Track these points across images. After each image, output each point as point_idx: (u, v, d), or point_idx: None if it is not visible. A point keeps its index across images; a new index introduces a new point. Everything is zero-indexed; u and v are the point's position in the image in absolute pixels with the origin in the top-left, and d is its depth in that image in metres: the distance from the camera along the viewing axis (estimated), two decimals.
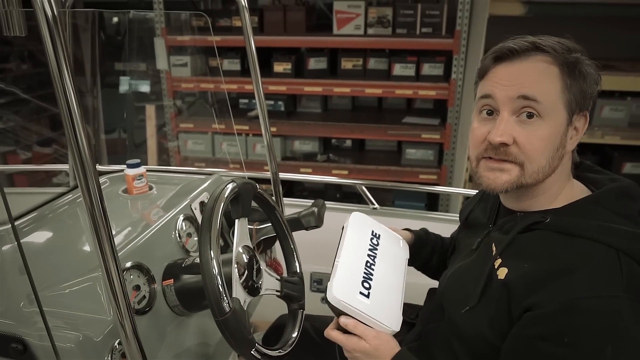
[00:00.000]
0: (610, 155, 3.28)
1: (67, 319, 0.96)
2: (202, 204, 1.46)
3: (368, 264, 1.11)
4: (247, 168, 2.46)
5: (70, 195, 1.52)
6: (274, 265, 1.67)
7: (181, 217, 1.33)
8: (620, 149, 3.26)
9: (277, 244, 1.39)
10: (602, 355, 0.78)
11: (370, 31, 3.36)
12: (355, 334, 1.01)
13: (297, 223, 1.46)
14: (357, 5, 3.32)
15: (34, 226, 1.33)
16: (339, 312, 1.03)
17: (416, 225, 1.43)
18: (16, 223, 1.29)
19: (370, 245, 1.17)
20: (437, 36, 3.27)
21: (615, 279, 0.81)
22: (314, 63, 3.54)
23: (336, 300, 1.01)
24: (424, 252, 1.35)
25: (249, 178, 1.19)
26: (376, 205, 2.16)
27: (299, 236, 1.39)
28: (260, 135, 1.67)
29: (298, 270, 1.29)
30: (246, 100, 3.81)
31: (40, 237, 1.31)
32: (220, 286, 0.95)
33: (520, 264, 0.89)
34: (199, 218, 1.41)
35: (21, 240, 1.17)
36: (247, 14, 1.50)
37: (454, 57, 3.17)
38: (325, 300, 1.04)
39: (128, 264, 1.10)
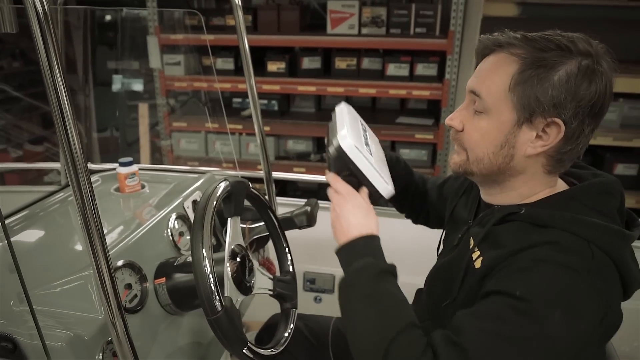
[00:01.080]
0: (602, 156, 3.30)
1: (58, 318, 0.95)
2: (194, 202, 1.46)
3: (365, 135, 1.08)
4: (240, 167, 2.45)
5: (62, 194, 1.51)
6: (266, 264, 1.67)
7: (173, 216, 1.33)
8: (612, 150, 3.27)
9: (270, 243, 1.39)
10: (549, 318, 0.77)
11: (364, 31, 3.36)
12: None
13: (290, 222, 1.46)
14: (351, 5, 3.33)
15: (24, 224, 1.33)
16: (341, 165, 0.98)
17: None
18: (7, 221, 1.28)
19: (362, 126, 1.13)
20: (431, 36, 3.28)
21: (584, 262, 0.81)
22: (308, 62, 3.53)
23: (349, 147, 0.96)
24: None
25: (242, 177, 1.19)
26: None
27: (292, 235, 1.39)
28: (254, 134, 1.67)
29: (291, 269, 1.29)
30: (239, 100, 3.80)
31: (31, 235, 1.31)
32: (212, 285, 0.95)
33: (494, 252, 0.90)
34: (192, 217, 1.40)
35: (12, 239, 1.17)
36: (240, 13, 1.50)
37: (448, 57, 3.18)
38: (330, 150, 0.99)
39: (120, 263, 1.09)
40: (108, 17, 3.70)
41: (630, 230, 0.90)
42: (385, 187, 1.00)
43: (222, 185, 1.09)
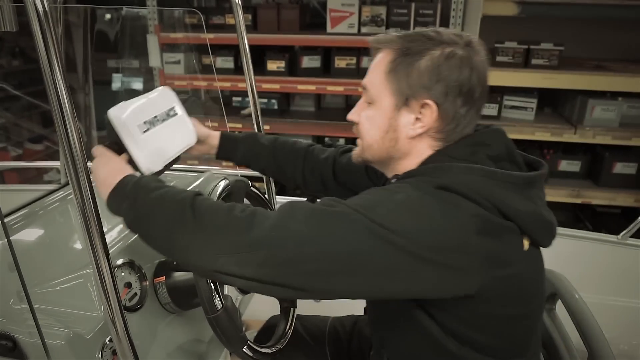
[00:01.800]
0: (602, 155, 3.30)
1: (58, 316, 0.95)
2: None
3: (156, 118, 1.17)
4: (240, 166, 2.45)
5: (62, 192, 1.51)
6: None
7: None
8: (611, 148, 3.28)
9: None
10: (392, 197, 0.86)
11: (363, 30, 3.36)
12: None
13: None
14: (350, 3, 3.32)
15: (24, 223, 1.33)
16: (109, 133, 1.10)
17: None
18: (6, 220, 1.28)
19: (166, 111, 1.21)
20: None
21: (429, 183, 0.88)
22: (308, 61, 3.53)
23: (117, 118, 1.08)
24: (240, 153, 1.38)
25: (241, 176, 1.19)
26: None
27: None
28: None
29: None
30: (239, 98, 3.80)
31: (30, 234, 1.31)
32: (211, 283, 0.95)
33: None
34: None
35: (11, 237, 1.18)
36: (240, 12, 1.50)
37: None
38: (107, 117, 1.10)
39: (119, 261, 1.09)
40: (108, 16, 3.69)
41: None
42: (143, 162, 1.10)
43: (222, 184, 1.09)
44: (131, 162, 1.09)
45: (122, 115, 1.08)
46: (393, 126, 0.98)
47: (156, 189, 0.93)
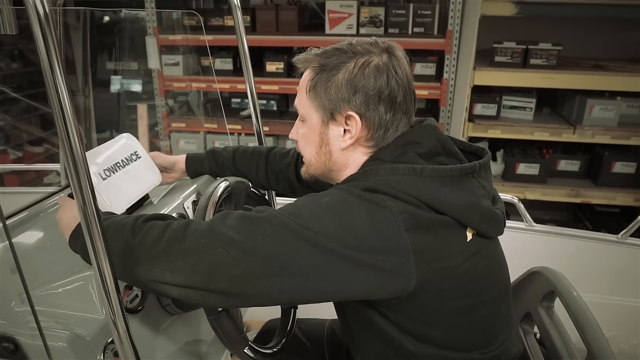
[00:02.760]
0: (601, 154, 3.31)
1: (59, 318, 0.95)
2: (194, 202, 1.46)
3: (117, 165, 1.24)
4: None
5: (62, 194, 1.51)
6: None
7: (174, 216, 1.33)
8: (610, 148, 3.29)
9: None
10: (316, 200, 0.89)
11: (362, 31, 3.36)
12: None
13: None
14: (349, 5, 3.33)
15: (25, 226, 1.32)
16: None
17: None
18: (7, 222, 1.28)
19: (127, 157, 1.29)
20: (429, 36, 3.28)
21: (356, 186, 0.91)
22: None
23: None
24: (207, 168, 1.47)
25: (241, 177, 1.19)
26: None
27: None
28: (253, 134, 1.67)
29: None
30: (238, 100, 3.80)
31: (31, 236, 1.30)
32: None
33: None
34: (192, 217, 1.40)
35: (12, 240, 1.18)
36: (239, 13, 1.50)
37: (446, 57, 3.19)
38: None
39: None
40: (107, 19, 3.70)
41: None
42: (105, 207, 1.15)
43: (222, 185, 1.09)
44: None
45: None
46: (325, 141, 1.01)
47: (104, 220, 0.94)
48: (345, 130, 0.98)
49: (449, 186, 0.90)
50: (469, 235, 0.92)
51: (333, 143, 1.01)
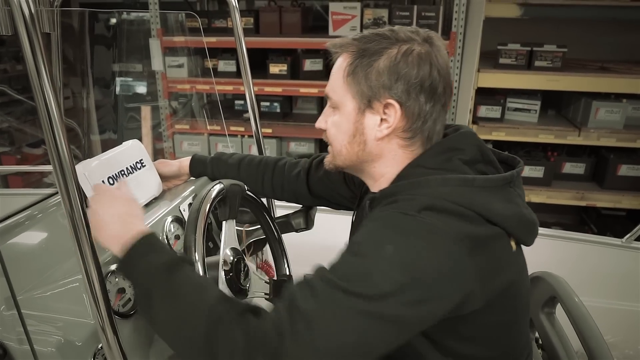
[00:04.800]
0: (606, 157, 3.28)
1: (50, 322, 0.94)
2: (190, 205, 1.45)
3: (122, 172, 1.24)
4: None
5: (60, 197, 1.50)
6: (264, 268, 1.66)
7: (169, 219, 1.32)
8: (616, 150, 3.26)
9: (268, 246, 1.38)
10: (382, 253, 0.82)
11: (366, 33, 3.34)
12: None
13: (287, 225, 1.45)
14: (353, 6, 3.32)
15: (21, 228, 1.32)
16: None
17: None
18: (4, 224, 1.28)
19: (132, 164, 1.29)
20: None
21: (412, 205, 0.86)
22: (310, 64, 3.53)
23: (82, 177, 1.10)
24: (210, 174, 1.43)
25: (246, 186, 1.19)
26: None
27: (291, 238, 1.38)
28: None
29: (287, 273, 1.28)
30: (242, 102, 3.80)
31: (27, 237, 1.30)
32: None
33: None
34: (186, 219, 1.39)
35: (8, 242, 1.17)
36: (237, 15, 1.50)
37: (450, 58, 3.17)
38: None
39: (113, 267, 1.08)
40: (111, 20, 3.71)
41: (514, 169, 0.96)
42: None
43: (217, 188, 1.08)
44: None
45: (85, 171, 1.13)
46: (359, 130, 0.97)
47: (177, 269, 0.88)
48: (381, 120, 0.95)
49: (496, 196, 0.89)
50: (513, 246, 0.91)
51: (368, 132, 0.96)
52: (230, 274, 1.06)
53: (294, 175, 1.36)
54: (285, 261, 1.29)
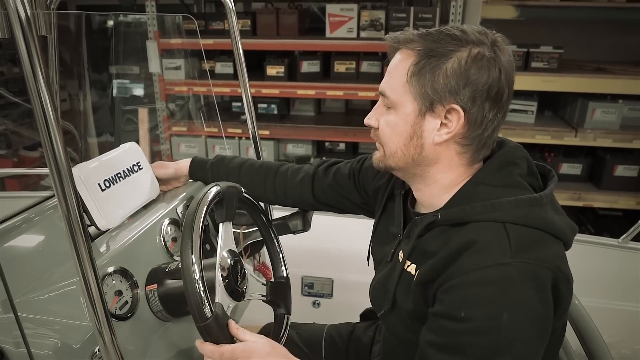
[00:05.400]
0: (603, 157, 3.29)
1: (47, 325, 0.94)
2: (186, 207, 1.45)
3: (119, 175, 1.24)
4: None
5: (57, 200, 1.50)
6: (262, 270, 1.66)
7: (166, 221, 1.32)
8: (613, 151, 3.27)
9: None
10: (498, 324, 0.80)
11: (363, 34, 3.36)
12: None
13: (284, 227, 1.45)
14: (349, 8, 3.33)
15: (18, 230, 1.32)
16: None
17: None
18: (0, 227, 1.27)
19: (129, 167, 1.29)
20: None
21: (502, 248, 0.84)
22: (307, 66, 3.53)
23: (78, 180, 1.11)
24: (209, 178, 1.42)
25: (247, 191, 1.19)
26: None
27: (289, 240, 1.38)
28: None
29: (285, 275, 1.28)
30: (239, 104, 3.80)
31: (25, 240, 1.30)
32: (201, 292, 0.94)
33: (425, 261, 0.93)
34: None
35: (5, 245, 1.17)
36: (234, 17, 1.50)
37: None
38: None
39: (110, 269, 1.08)
40: (108, 23, 3.70)
41: (547, 184, 0.96)
42: (100, 219, 1.16)
43: (213, 190, 1.08)
44: (90, 218, 1.15)
45: (81, 174, 1.14)
46: (417, 132, 0.93)
47: None
48: (441, 124, 0.91)
49: (553, 209, 0.91)
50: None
51: (427, 136, 0.92)
52: (228, 276, 1.06)
53: (298, 182, 1.35)
54: (282, 263, 1.29)
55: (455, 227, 0.91)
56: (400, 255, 1.02)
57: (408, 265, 0.99)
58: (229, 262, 1.08)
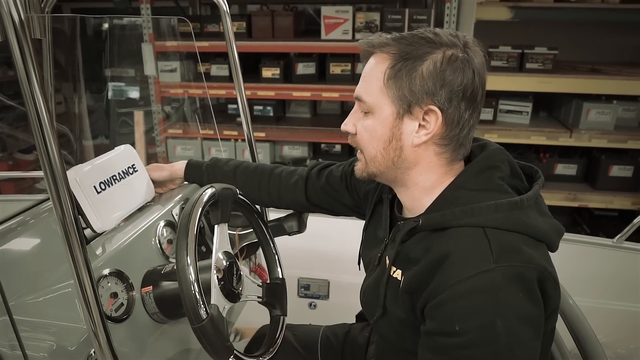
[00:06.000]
0: (598, 158, 3.30)
1: (42, 328, 0.94)
2: (182, 209, 1.45)
3: (114, 177, 1.25)
4: None
5: (51, 202, 1.50)
6: (258, 271, 1.66)
7: (162, 223, 1.32)
8: (607, 151, 3.28)
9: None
10: (494, 331, 0.80)
11: (358, 36, 3.36)
12: None
13: (280, 228, 1.45)
14: (345, 10, 3.33)
15: (14, 233, 1.32)
16: None
17: None
18: None
19: (124, 169, 1.30)
20: None
21: (484, 255, 0.84)
22: (303, 68, 3.54)
23: (73, 182, 1.12)
24: (205, 181, 1.43)
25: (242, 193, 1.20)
26: None
27: (285, 241, 1.38)
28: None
29: (280, 276, 1.28)
30: (235, 106, 3.80)
31: (20, 243, 1.30)
32: (197, 293, 0.94)
33: (410, 268, 0.93)
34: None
35: (1, 247, 1.17)
36: (228, 19, 1.50)
37: None
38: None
39: (106, 271, 1.08)
40: (103, 26, 3.70)
41: (532, 185, 0.95)
42: (96, 221, 1.16)
43: (208, 192, 1.08)
44: (86, 220, 1.15)
45: (77, 176, 1.14)
46: (396, 135, 0.94)
47: None
48: (420, 125, 0.91)
49: (536, 212, 0.91)
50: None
51: (405, 138, 0.93)
52: (223, 278, 1.06)
53: (292, 184, 1.35)
54: (278, 264, 1.29)
55: (436, 232, 0.91)
56: (387, 260, 1.03)
57: (394, 271, 0.99)
58: (225, 264, 1.08)
